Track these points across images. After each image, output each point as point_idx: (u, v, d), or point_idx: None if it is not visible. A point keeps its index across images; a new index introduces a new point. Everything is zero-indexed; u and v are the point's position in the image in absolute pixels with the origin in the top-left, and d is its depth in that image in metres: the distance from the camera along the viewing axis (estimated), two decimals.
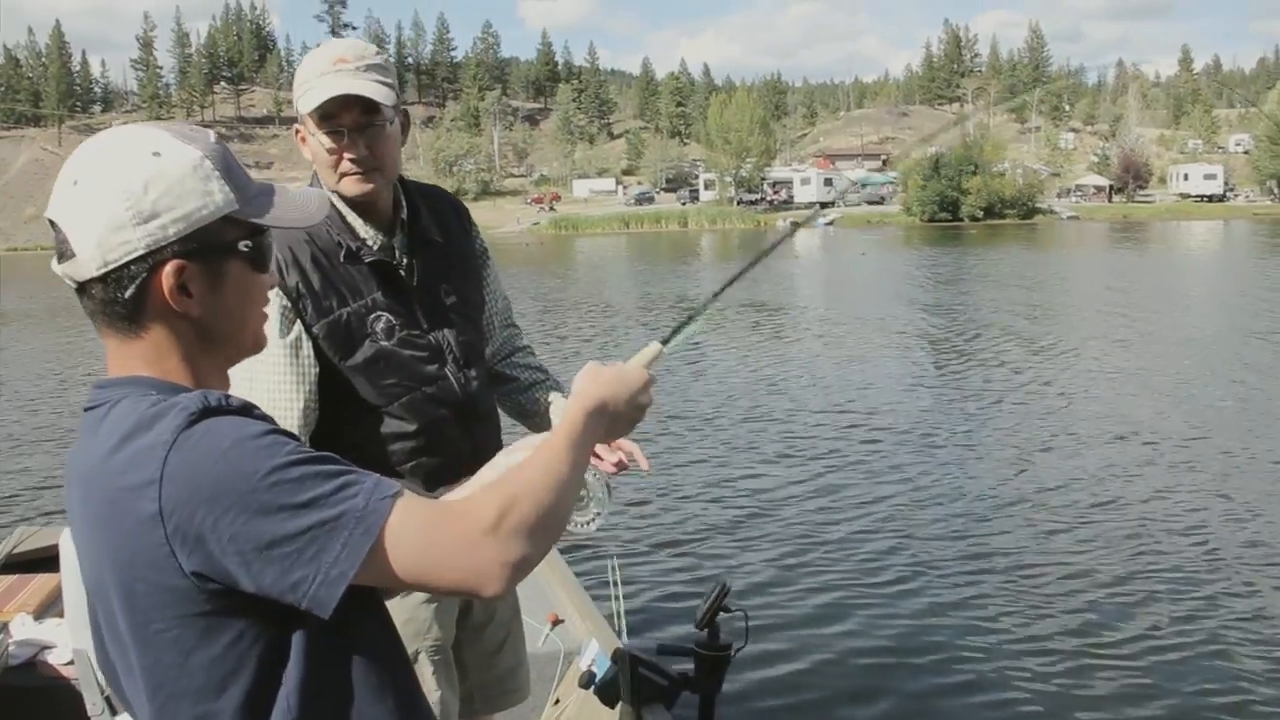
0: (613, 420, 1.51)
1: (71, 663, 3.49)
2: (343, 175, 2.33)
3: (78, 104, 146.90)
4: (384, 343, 2.36)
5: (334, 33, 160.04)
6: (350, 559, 1.14)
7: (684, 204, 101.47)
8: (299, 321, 2.30)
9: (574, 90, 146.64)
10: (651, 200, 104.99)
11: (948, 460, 10.53)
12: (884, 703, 5.66)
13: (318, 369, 2.32)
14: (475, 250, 2.66)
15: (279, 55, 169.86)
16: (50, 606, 4.17)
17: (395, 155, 2.38)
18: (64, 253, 1.25)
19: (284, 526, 1.13)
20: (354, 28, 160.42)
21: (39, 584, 4.35)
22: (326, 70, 2.25)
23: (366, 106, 2.27)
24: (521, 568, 1.23)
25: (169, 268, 1.24)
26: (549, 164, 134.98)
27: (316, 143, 2.31)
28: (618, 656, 2.82)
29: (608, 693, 2.77)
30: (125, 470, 1.17)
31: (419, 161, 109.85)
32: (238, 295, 1.32)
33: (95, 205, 1.23)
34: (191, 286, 1.26)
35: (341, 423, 2.36)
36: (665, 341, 1.67)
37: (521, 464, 1.34)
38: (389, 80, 2.30)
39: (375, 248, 2.40)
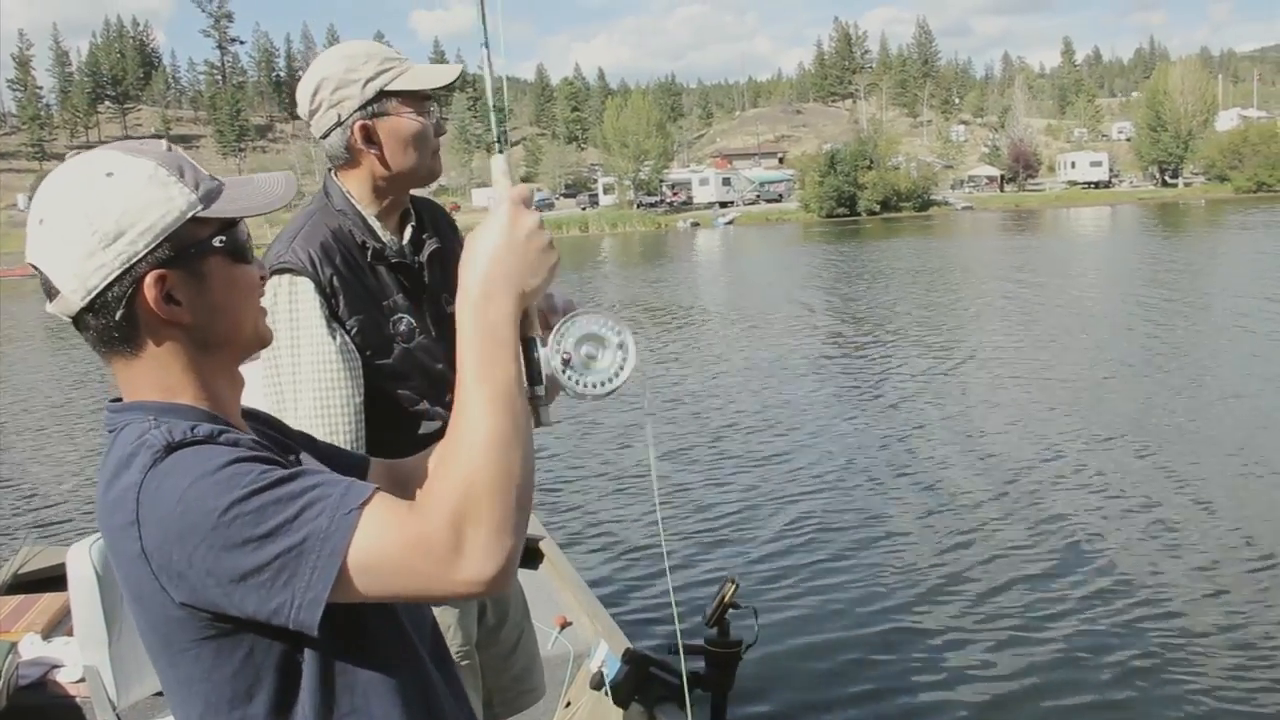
0: (516, 286, 1.28)
1: (82, 680, 3.46)
2: (433, 154, 2.47)
3: None
4: (406, 345, 2.38)
5: (220, 48, 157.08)
6: (321, 582, 1.14)
7: (584, 209, 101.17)
8: (335, 318, 2.29)
9: (469, 99, 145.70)
10: (551, 206, 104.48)
11: (955, 453, 10.48)
12: (899, 696, 5.58)
13: (359, 362, 2.31)
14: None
15: (165, 72, 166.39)
16: (58, 625, 4.14)
17: None
18: (50, 292, 1.28)
19: (251, 559, 1.14)
20: (242, 42, 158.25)
21: (46, 603, 4.31)
22: (394, 56, 2.36)
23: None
24: (507, 570, 1.18)
25: (149, 279, 1.26)
26: (447, 174, 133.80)
27: (411, 122, 2.39)
28: (628, 657, 2.86)
29: (619, 693, 2.81)
30: (113, 511, 1.21)
31: (315, 176, 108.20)
32: (224, 290, 1.33)
33: (63, 239, 1.25)
34: (177, 293, 1.28)
35: (381, 427, 2.33)
36: (501, 150, 1.55)
37: (455, 431, 1.21)
38: None
39: (395, 250, 2.43)
